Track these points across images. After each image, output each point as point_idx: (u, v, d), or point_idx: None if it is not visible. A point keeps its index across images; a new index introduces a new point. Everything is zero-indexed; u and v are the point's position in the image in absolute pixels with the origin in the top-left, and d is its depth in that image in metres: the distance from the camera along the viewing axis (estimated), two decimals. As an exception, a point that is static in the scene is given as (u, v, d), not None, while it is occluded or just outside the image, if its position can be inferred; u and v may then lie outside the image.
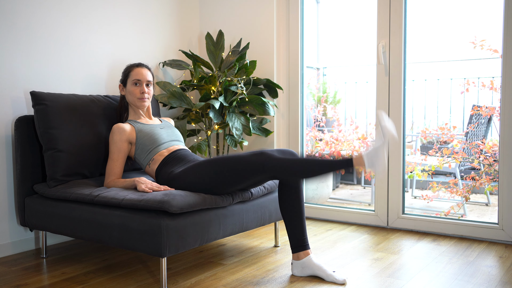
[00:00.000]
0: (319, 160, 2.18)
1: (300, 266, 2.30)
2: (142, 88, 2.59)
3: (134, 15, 3.27)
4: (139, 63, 2.65)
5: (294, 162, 2.19)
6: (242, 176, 2.23)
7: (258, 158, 2.19)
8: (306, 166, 2.18)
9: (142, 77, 2.59)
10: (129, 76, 2.59)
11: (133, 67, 2.61)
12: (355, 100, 5.57)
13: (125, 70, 2.63)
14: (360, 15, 5.97)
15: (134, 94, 2.59)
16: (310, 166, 2.17)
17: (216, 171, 2.25)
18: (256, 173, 2.21)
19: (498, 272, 2.36)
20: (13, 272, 2.39)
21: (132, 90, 2.59)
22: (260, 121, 3.40)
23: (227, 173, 2.23)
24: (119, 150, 2.47)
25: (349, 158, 2.14)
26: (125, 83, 2.61)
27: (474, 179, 4.06)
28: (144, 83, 2.59)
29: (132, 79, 2.58)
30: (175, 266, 2.46)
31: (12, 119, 2.65)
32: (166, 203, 2.04)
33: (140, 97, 2.58)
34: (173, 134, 2.65)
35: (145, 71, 2.61)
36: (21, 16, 2.67)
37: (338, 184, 5.20)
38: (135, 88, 2.58)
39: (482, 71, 4.99)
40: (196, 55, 3.34)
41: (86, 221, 2.30)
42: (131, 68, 2.61)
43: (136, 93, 2.58)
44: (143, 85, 2.59)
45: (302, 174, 2.20)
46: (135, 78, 2.58)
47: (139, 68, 2.61)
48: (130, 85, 2.59)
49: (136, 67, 2.61)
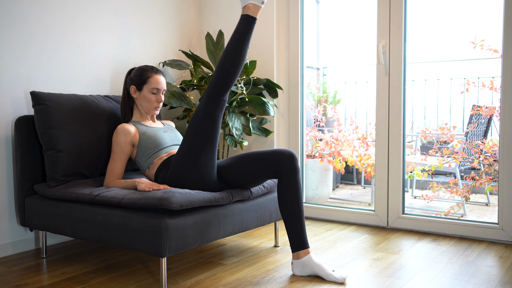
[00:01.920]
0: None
1: (300, 265, 2.30)
2: (160, 98, 2.58)
3: (134, 15, 3.27)
4: (157, 69, 2.61)
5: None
6: (210, 135, 2.32)
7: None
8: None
9: (161, 86, 2.57)
10: (148, 82, 2.55)
11: (152, 73, 2.56)
12: (355, 100, 5.57)
13: (141, 74, 2.57)
14: (360, 15, 5.97)
15: (151, 102, 2.56)
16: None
17: (193, 136, 2.32)
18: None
19: (498, 272, 2.36)
20: (13, 272, 2.39)
21: (150, 98, 2.56)
22: (260, 121, 3.40)
23: (200, 137, 2.30)
24: (122, 152, 2.47)
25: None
26: (140, 87, 2.57)
27: (474, 179, 4.06)
28: (161, 92, 2.59)
29: (152, 86, 2.55)
30: (175, 266, 2.46)
31: (12, 119, 2.65)
32: (166, 200, 2.05)
33: (156, 106, 2.58)
34: (176, 138, 2.65)
35: (163, 79, 2.60)
36: (21, 16, 2.67)
37: (338, 184, 5.20)
38: (152, 96, 2.56)
39: (482, 71, 4.99)
40: (196, 55, 3.34)
41: (86, 221, 2.30)
42: (150, 74, 2.56)
43: (154, 101, 2.57)
44: (160, 94, 2.58)
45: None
46: (155, 87, 2.55)
47: (159, 76, 2.58)
48: (147, 92, 2.56)
49: (155, 73, 2.57)
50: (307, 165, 4.17)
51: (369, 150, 4.32)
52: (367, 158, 4.27)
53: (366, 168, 4.28)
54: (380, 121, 3.17)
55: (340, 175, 5.19)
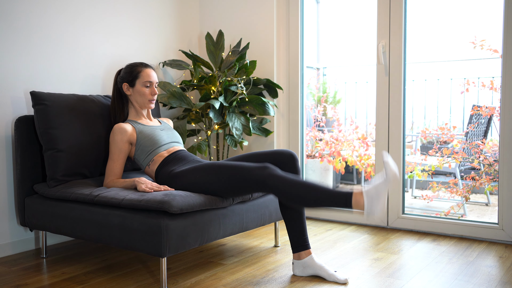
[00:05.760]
0: (320, 188, 2.10)
1: (301, 265, 2.30)
2: (153, 90, 2.59)
3: (134, 15, 3.27)
4: (146, 63, 2.62)
5: (295, 186, 2.12)
6: (242, 187, 2.21)
7: (261, 173, 2.15)
8: (306, 194, 2.11)
9: (153, 79, 2.59)
10: (139, 77, 2.56)
11: (142, 68, 2.58)
12: (355, 100, 5.57)
13: (131, 70, 2.58)
14: (360, 15, 5.97)
15: (146, 95, 2.57)
16: (309, 195, 2.10)
17: (218, 177, 2.23)
18: (256, 188, 2.19)
19: (498, 272, 2.36)
20: (13, 272, 2.39)
21: (144, 91, 2.56)
22: (260, 121, 3.40)
23: (228, 181, 2.21)
24: (120, 151, 2.47)
25: (349, 193, 2.07)
26: (132, 83, 2.58)
27: (474, 179, 4.06)
28: (154, 85, 2.60)
29: (144, 80, 2.56)
30: (175, 266, 2.46)
31: (12, 119, 2.65)
32: (166, 203, 2.04)
33: (150, 99, 2.59)
34: (173, 135, 2.65)
35: (154, 72, 2.61)
36: (21, 16, 2.67)
37: (338, 184, 5.20)
38: (146, 89, 2.57)
39: (482, 71, 4.99)
40: (196, 55, 3.34)
41: (86, 221, 2.30)
42: (140, 69, 2.57)
43: (148, 94, 2.57)
44: (153, 87, 2.59)
45: (300, 202, 2.14)
46: (147, 80, 2.56)
47: (149, 69, 2.59)
48: (140, 86, 2.56)
49: (145, 67, 2.59)
50: (307, 165, 4.16)
51: (369, 150, 4.32)
52: (367, 158, 4.28)
53: (366, 168, 4.28)
54: (380, 121, 3.17)
55: (340, 175, 5.19)
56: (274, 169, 2.16)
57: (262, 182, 2.14)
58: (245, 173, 2.18)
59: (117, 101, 2.63)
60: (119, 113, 2.63)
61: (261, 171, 2.15)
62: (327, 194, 2.09)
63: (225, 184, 2.22)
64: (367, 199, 2.03)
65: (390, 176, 2.02)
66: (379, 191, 2.02)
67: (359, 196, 2.04)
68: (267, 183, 2.13)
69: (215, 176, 2.24)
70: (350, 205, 2.05)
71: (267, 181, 2.13)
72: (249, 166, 2.19)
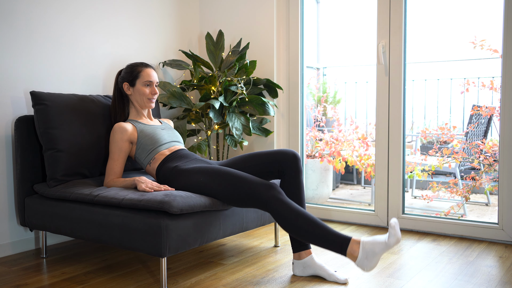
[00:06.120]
0: (320, 226, 2.08)
1: (301, 265, 2.30)
2: (154, 90, 2.60)
3: (134, 15, 3.27)
4: (146, 63, 2.63)
5: (296, 216, 2.10)
6: (243, 200, 2.20)
7: (265, 192, 2.14)
8: (305, 227, 2.08)
9: (153, 78, 2.60)
10: (139, 76, 2.57)
11: (142, 67, 2.59)
12: (355, 100, 5.57)
13: (132, 70, 2.59)
14: (360, 15, 5.97)
15: (146, 95, 2.58)
16: (308, 228, 2.08)
17: (221, 184, 2.23)
18: (257, 205, 2.18)
19: (498, 272, 2.36)
20: (13, 272, 2.39)
21: (144, 91, 2.57)
22: (260, 121, 3.40)
23: (231, 190, 2.20)
24: (120, 150, 2.47)
25: (347, 239, 2.06)
26: (133, 83, 2.59)
27: (474, 179, 4.06)
28: (154, 84, 2.60)
29: (144, 80, 2.57)
30: (175, 266, 2.46)
31: (12, 119, 2.65)
32: (166, 203, 2.04)
33: (151, 98, 2.60)
34: (174, 135, 2.66)
35: (154, 72, 2.63)
36: (22, 16, 2.67)
37: (338, 184, 5.20)
38: (146, 89, 2.58)
39: (482, 71, 4.99)
40: (196, 55, 3.34)
41: (86, 221, 2.30)
42: (140, 69, 2.59)
43: (148, 93, 2.59)
44: (153, 86, 2.60)
45: (296, 232, 2.12)
46: (148, 80, 2.58)
47: (149, 69, 2.60)
48: (141, 86, 2.57)
49: (145, 67, 2.60)
50: (307, 165, 4.17)
51: (369, 150, 4.32)
52: (367, 158, 4.27)
53: (366, 168, 4.28)
54: (380, 121, 3.17)
55: (340, 175, 5.19)
56: (279, 192, 2.15)
57: (265, 202, 2.14)
58: (250, 188, 2.16)
59: (117, 101, 2.64)
60: (119, 113, 2.63)
61: (266, 191, 2.14)
62: (326, 233, 2.08)
63: (228, 193, 2.21)
64: (362, 253, 2.03)
65: (391, 242, 2.02)
66: (376, 250, 2.03)
67: (356, 246, 2.05)
68: (270, 204, 2.13)
69: (219, 183, 2.23)
70: (344, 252, 2.06)
71: (270, 202, 2.13)
72: (255, 181, 2.18)
